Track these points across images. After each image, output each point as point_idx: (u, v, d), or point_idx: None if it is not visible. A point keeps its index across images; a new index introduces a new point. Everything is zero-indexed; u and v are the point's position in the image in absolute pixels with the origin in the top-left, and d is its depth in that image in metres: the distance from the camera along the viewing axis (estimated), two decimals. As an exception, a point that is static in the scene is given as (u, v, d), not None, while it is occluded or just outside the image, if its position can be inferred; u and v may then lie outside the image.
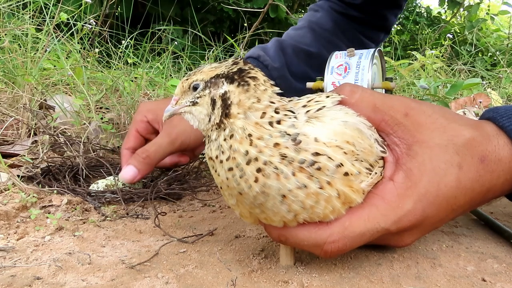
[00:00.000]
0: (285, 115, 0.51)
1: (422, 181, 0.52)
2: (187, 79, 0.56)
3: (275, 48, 1.10)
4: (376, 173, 0.53)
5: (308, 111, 0.52)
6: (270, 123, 0.50)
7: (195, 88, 0.55)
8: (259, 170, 0.48)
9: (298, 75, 1.09)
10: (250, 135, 0.49)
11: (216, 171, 0.53)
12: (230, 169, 0.50)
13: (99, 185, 0.90)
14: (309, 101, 0.54)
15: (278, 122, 0.50)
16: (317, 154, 0.49)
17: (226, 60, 0.56)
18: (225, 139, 0.51)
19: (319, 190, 0.49)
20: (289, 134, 0.49)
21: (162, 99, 1.15)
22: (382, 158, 0.55)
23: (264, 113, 0.50)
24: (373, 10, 1.17)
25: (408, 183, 0.53)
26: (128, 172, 0.82)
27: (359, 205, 0.52)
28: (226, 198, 0.55)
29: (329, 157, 0.49)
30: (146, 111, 0.92)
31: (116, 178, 0.93)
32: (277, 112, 0.51)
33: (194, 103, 0.55)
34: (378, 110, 0.56)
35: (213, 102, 0.53)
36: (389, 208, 0.52)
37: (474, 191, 0.54)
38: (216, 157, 0.52)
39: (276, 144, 0.49)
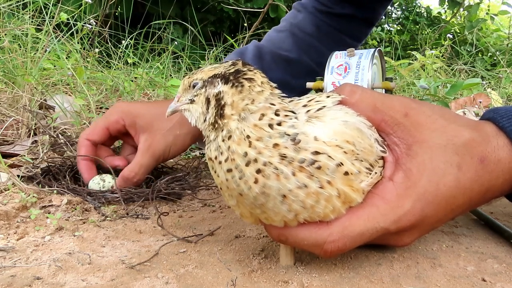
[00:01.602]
0: (286, 115, 0.51)
1: (422, 181, 0.53)
2: (188, 78, 0.58)
3: (252, 56, 1.08)
4: (376, 173, 0.53)
5: (308, 110, 0.52)
6: (270, 125, 0.50)
7: (194, 87, 0.57)
8: (258, 171, 0.48)
9: (276, 83, 1.06)
10: (248, 136, 0.49)
11: (215, 172, 0.53)
12: (229, 170, 0.50)
13: (106, 183, 0.90)
14: (310, 100, 0.54)
15: (279, 124, 0.50)
16: (317, 153, 0.49)
17: (227, 61, 0.57)
18: (223, 140, 0.51)
19: (319, 189, 0.49)
20: (288, 134, 0.49)
21: (138, 102, 1.12)
22: (382, 158, 0.55)
23: (262, 114, 0.51)
24: (364, 2, 1.14)
25: (407, 183, 0.53)
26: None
27: (358, 205, 0.52)
28: (226, 198, 0.55)
29: (329, 156, 0.49)
30: (123, 114, 0.92)
31: (115, 178, 0.93)
32: (277, 114, 0.51)
33: (192, 101, 0.57)
34: (378, 110, 0.56)
35: (208, 101, 0.54)
36: (388, 208, 0.52)
37: (473, 191, 0.55)
38: (215, 158, 0.52)
39: (276, 145, 0.49)
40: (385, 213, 0.52)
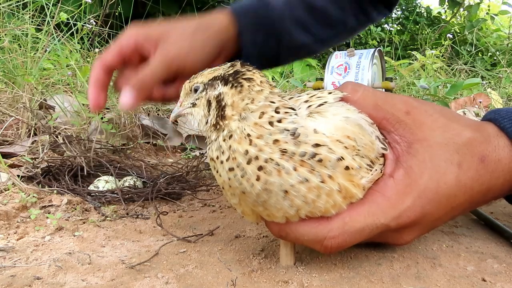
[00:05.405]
0: (286, 112, 0.51)
1: (422, 179, 0.53)
2: (189, 82, 0.58)
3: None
4: (376, 170, 0.53)
5: (309, 106, 0.52)
6: (270, 123, 0.50)
7: (195, 90, 0.57)
8: (260, 168, 0.49)
9: (298, 21, 0.95)
10: (249, 135, 0.50)
11: (217, 172, 0.53)
12: (231, 169, 0.50)
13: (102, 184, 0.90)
14: (311, 96, 0.54)
15: (279, 121, 0.50)
16: (317, 145, 0.49)
17: (226, 63, 0.57)
18: (224, 140, 0.51)
19: (320, 184, 0.49)
20: (288, 130, 0.49)
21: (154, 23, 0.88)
22: (383, 156, 0.55)
23: (262, 113, 0.51)
24: None
25: (408, 180, 0.53)
26: (125, 96, 0.72)
27: (359, 201, 0.52)
28: (228, 197, 0.55)
29: (330, 148, 0.49)
30: (136, 30, 0.78)
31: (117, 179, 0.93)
32: (277, 112, 0.51)
33: (194, 105, 0.57)
34: (379, 108, 0.56)
35: (209, 103, 0.55)
36: (388, 205, 0.52)
37: (473, 190, 0.55)
38: (217, 157, 0.52)
39: (276, 141, 0.49)
40: (385, 209, 0.52)
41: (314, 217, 0.52)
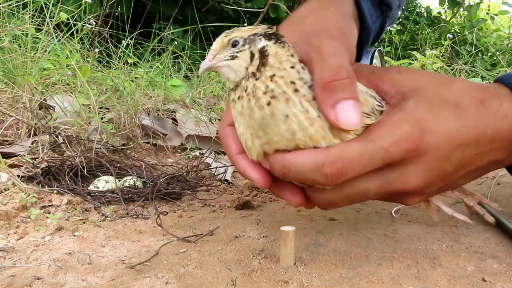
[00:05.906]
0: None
1: (418, 111, 0.53)
2: (226, 36, 0.59)
3: None
4: (372, 120, 0.55)
5: None
6: (298, 71, 0.54)
7: (233, 45, 0.59)
8: (273, 97, 0.53)
9: None
10: (273, 75, 0.54)
11: (235, 104, 0.56)
12: (248, 100, 0.54)
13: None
14: None
15: (303, 68, 0.55)
16: None
17: (260, 25, 0.60)
18: (253, 84, 0.55)
19: (317, 118, 0.53)
20: (303, 80, 0.54)
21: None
22: (381, 113, 0.57)
23: (293, 64, 0.55)
24: None
25: (403, 113, 0.54)
26: (349, 110, 0.52)
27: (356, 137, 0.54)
28: (236, 127, 0.58)
29: None
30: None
31: (117, 179, 0.92)
32: (303, 68, 0.55)
33: (234, 57, 0.58)
34: (375, 72, 0.59)
35: (252, 55, 0.57)
36: (385, 131, 0.53)
37: (478, 129, 0.54)
38: (239, 97, 0.56)
39: (292, 82, 0.53)
40: (383, 135, 0.53)
41: (311, 148, 0.54)
